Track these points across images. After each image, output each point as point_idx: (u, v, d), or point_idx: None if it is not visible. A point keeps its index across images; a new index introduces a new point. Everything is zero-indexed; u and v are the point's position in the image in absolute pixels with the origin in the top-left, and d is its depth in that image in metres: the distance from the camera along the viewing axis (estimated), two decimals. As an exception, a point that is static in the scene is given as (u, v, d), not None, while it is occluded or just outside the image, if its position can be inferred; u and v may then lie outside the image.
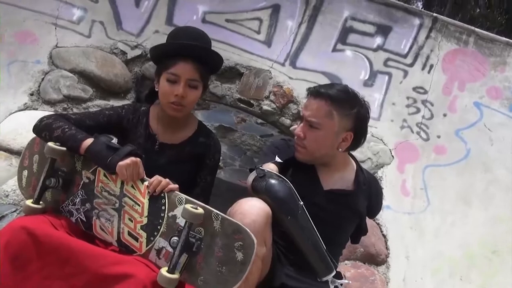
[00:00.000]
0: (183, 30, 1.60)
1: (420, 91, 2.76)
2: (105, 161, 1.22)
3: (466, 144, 2.62)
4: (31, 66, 2.56)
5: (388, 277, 2.27)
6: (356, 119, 1.47)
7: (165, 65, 1.43)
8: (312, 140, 1.46)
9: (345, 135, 1.47)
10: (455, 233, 2.43)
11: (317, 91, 1.47)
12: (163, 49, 1.48)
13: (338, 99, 1.44)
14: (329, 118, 1.44)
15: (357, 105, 1.47)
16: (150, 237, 1.18)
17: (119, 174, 1.21)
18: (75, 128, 1.30)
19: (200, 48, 1.46)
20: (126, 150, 1.23)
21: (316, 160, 1.52)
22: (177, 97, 1.40)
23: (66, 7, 2.69)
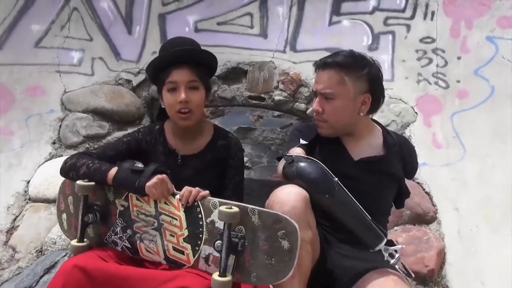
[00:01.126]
0: (168, 42, 1.61)
1: (427, 41, 2.68)
2: (133, 186, 1.24)
3: (488, 82, 2.52)
4: (47, 117, 2.65)
5: (441, 233, 2.21)
6: (369, 80, 1.44)
7: (161, 79, 1.45)
8: (331, 111, 1.44)
9: (362, 98, 1.45)
10: (498, 174, 2.34)
11: (324, 62, 1.45)
12: (155, 64, 1.49)
13: (346, 64, 1.42)
14: (342, 85, 1.42)
15: (367, 66, 1.45)
16: (195, 247, 1.19)
17: (150, 194, 1.23)
18: (98, 162, 1.33)
19: (188, 51, 1.47)
20: (151, 169, 1.25)
21: (339, 131, 1.50)
22: (182, 103, 1.40)
23: (65, 53, 2.77)
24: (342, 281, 1.43)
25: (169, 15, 2.88)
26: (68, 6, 2.78)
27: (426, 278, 2.01)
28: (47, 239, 2.23)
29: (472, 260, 2.11)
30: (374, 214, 1.42)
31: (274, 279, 1.10)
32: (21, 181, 2.48)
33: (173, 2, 2.88)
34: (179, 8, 2.88)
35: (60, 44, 2.76)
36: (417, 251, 2.05)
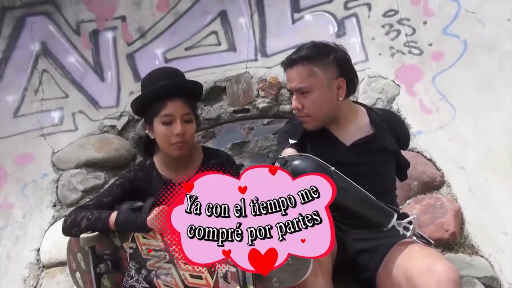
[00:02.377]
0: (155, 72, 1.60)
1: (390, 14, 2.71)
2: (136, 224, 1.24)
3: (459, 38, 2.54)
4: (41, 182, 2.64)
5: (453, 195, 2.19)
6: (337, 64, 1.46)
7: (153, 111, 1.44)
8: (310, 105, 1.45)
9: (336, 83, 1.46)
10: (494, 123, 2.34)
11: (290, 60, 1.47)
12: (147, 96, 1.47)
13: (311, 55, 1.44)
14: (313, 76, 1.43)
15: (332, 51, 1.46)
16: (211, 269, 1.18)
17: (153, 227, 1.23)
18: (97, 211, 1.33)
19: (183, 84, 1.49)
20: (149, 204, 1.25)
21: (324, 121, 1.50)
22: (179, 136, 1.41)
23: (45, 115, 2.79)
24: (368, 265, 1.42)
25: (136, 53, 2.90)
26: (37, 70, 2.81)
27: (449, 243, 1.99)
28: (70, 301, 2.20)
29: (490, 214, 2.09)
30: (379, 192, 1.41)
31: (296, 279, 1.09)
32: (31, 251, 2.46)
33: (137, 40, 2.91)
34: (144, 44, 2.91)
35: (38, 108, 2.78)
36: (434, 218, 2.03)
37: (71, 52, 2.84)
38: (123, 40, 2.90)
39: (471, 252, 1.97)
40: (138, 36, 2.91)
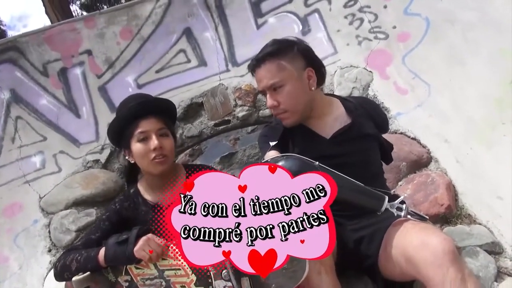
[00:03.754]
0: (124, 101, 1.60)
1: (350, 4, 2.74)
2: (124, 257, 1.22)
3: (420, 15, 2.58)
4: (33, 229, 2.59)
5: (443, 168, 2.21)
6: (302, 55, 1.47)
7: (128, 133, 1.43)
8: (285, 99, 1.45)
9: (306, 73, 1.46)
10: (470, 92, 2.36)
11: (257, 60, 1.48)
12: (118, 121, 1.46)
13: (276, 50, 1.45)
14: (283, 70, 1.44)
15: (294, 44, 1.48)
16: (209, 287, 1.16)
17: (142, 258, 1.21)
18: (85, 251, 1.31)
19: (152, 101, 1.49)
20: (134, 234, 1.24)
21: (302, 115, 1.50)
22: (156, 150, 1.39)
23: (26, 162, 2.75)
24: (368, 252, 1.42)
25: (107, 84, 2.89)
26: (10, 117, 2.77)
27: (446, 216, 1.99)
28: None
29: (481, 181, 2.10)
30: (367, 179, 1.41)
31: (294, 282, 1.07)
32: (32, 302, 2.41)
33: (106, 71, 2.90)
34: (114, 74, 2.90)
35: (18, 156, 2.74)
36: (427, 195, 2.04)
37: (42, 95, 2.81)
38: (92, 73, 2.88)
39: (469, 222, 1.98)
40: (107, 67, 2.89)
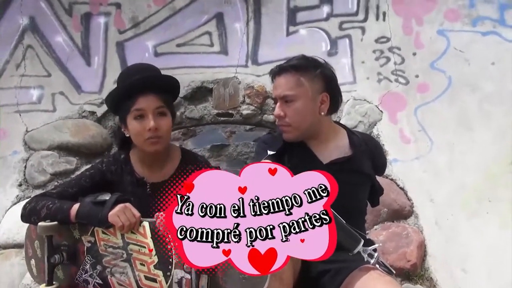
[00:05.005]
0: (128, 69, 1.58)
1: (383, 41, 2.75)
2: (97, 218, 1.21)
3: (445, 73, 2.60)
4: (10, 159, 2.57)
5: (420, 226, 2.23)
6: (324, 79, 1.47)
7: (125, 107, 1.40)
8: (293, 114, 1.46)
9: (321, 97, 1.47)
10: (468, 160, 2.40)
11: (279, 68, 1.48)
12: (118, 92, 1.44)
13: (300, 66, 1.45)
14: (300, 86, 1.44)
15: (320, 66, 1.48)
16: (167, 273, 1.16)
17: (114, 223, 1.20)
18: (59, 201, 1.29)
19: (153, 78, 1.45)
20: (112, 199, 1.22)
21: (304, 133, 1.50)
22: (151, 131, 1.37)
23: (23, 92, 2.71)
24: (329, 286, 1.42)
25: (127, 42, 2.86)
26: (21, 44, 2.73)
27: (410, 273, 2.02)
28: (21, 286, 2.14)
29: (452, 249, 2.13)
30: (349, 214, 1.41)
31: (251, 294, 1.07)
32: (-12, 229, 2.39)
33: (130, 29, 2.87)
34: (136, 35, 2.87)
35: (17, 84, 2.70)
36: (398, 247, 2.06)
37: (59, 32, 2.78)
38: (115, 27, 2.85)
39: (429, 286, 2.00)
40: (131, 26, 2.87)
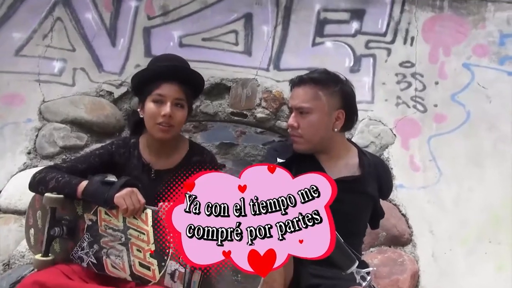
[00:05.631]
0: (161, 56, 1.63)
1: (407, 65, 2.74)
2: (103, 197, 1.22)
3: (464, 107, 2.59)
4: (23, 126, 2.60)
5: (416, 256, 2.22)
6: (342, 96, 1.48)
7: (148, 89, 1.43)
8: (306, 126, 1.46)
9: (336, 113, 1.47)
10: (474, 197, 2.38)
11: (300, 79, 1.49)
12: (146, 74, 1.48)
13: (320, 79, 1.46)
14: (317, 99, 1.45)
15: (340, 82, 1.49)
16: (161, 263, 1.17)
17: (119, 205, 1.21)
18: (68, 175, 1.31)
19: (182, 69, 1.48)
20: (121, 181, 1.24)
21: (315, 147, 1.51)
22: (165, 117, 1.40)
23: (46, 62, 2.74)
24: (316, 302, 1.42)
25: (154, 29, 2.88)
26: (51, 15, 2.76)
27: (399, 301, 2.00)
28: (16, 252, 2.16)
29: (446, 284, 2.12)
30: (348, 234, 1.41)
31: (240, 298, 1.08)
32: (-8, 191, 2.42)
33: (158, 16, 2.90)
34: (164, 23, 2.89)
35: (41, 53, 2.73)
36: (391, 273, 2.05)
37: (90, 9, 2.80)
38: (145, 12, 2.87)
39: (417, 317, 1.99)
40: (160, 13, 2.89)
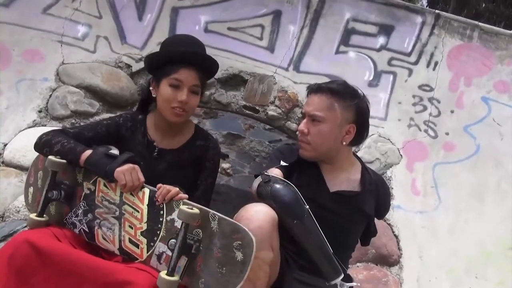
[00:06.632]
0: (179, 37, 1.64)
1: (426, 89, 2.73)
2: (104, 169, 1.24)
3: (475, 140, 2.57)
4: (39, 84, 2.62)
5: (401, 278, 2.22)
6: (357, 111, 1.48)
7: (165, 71, 1.44)
8: (316, 134, 1.47)
9: (348, 127, 1.48)
10: (469, 230, 2.38)
11: (318, 86, 1.49)
12: (165, 56, 1.49)
13: (338, 91, 1.47)
14: (331, 110, 1.45)
15: (357, 98, 1.49)
16: (150, 243, 1.19)
17: (118, 179, 1.23)
18: (74, 142, 1.33)
19: (201, 56, 1.50)
20: (124, 157, 1.25)
21: (321, 156, 1.51)
22: (181, 103, 1.42)
23: (71, 25, 2.75)
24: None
25: (182, 10, 2.88)
26: (83, -20, 2.78)
27: (377, 320, 2.01)
28: (12, 206, 2.20)
29: (425, 311, 2.12)
30: (338, 246, 1.43)
31: (222, 289, 1.09)
32: (-1, 143, 2.45)
33: (188, -1, 2.90)
34: (193, 6, 2.89)
35: (68, 15, 2.74)
36: (374, 291, 2.06)
37: (122, -19, 2.82)
38: (176, -7, 2.88)
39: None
40: (191, -4, 2.89)
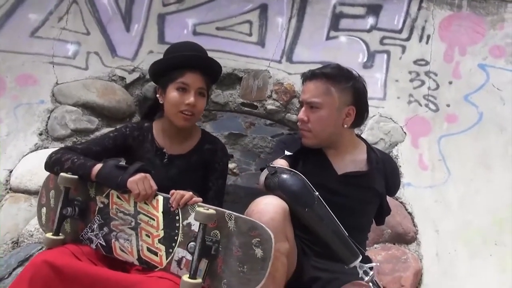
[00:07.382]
0: (180, 44, 1.65)
1: (421, 63, 2.71)
2: (116, 181, 1.24)
3: (477, 108, 2.56)
4: (36, 107, 2.62)
5: (420, 254, 2.22)
6: (354, 92, 1.48)
7: (171, 77, 1.47)
8: (316, 120, 1.47)
9: (347, 109, 1.48)
10: (481, 199, 2.37)
11: (312, 73, 1.49)
12: (169, 62, 1.51)
13: (333, 75, 1.46)
14: (328, 95, 1.45)
15: (352, 79, 1.49)
16: (169, 249, 1.19)
17: (131, 190, 1.23)
18: (83, 157, 1.34)
19: (205, 59, 1.52)
20: (135, 167, 1.26)
21: (323, 142, 1.51)
22: (189, 106, 1.44)
23: (60, 44, 2.75)
24: (317, 294, 1.44)
25: (168, 15, 2.88)
26: (68, -1, 2.78)
27: (401, 298, 2.01)
28: (25, 231, 2.20)
29: (448, 283, 2.12)
30: (353, 229, 1.43)
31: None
32: (3, 170, 2.44)
33: (173, 3, 2.89)
34: (179, 10, 2.89)
35: (56, 36, 2.74)
36: (394, 270, 2.05)
37: (106, -6, 2.81)
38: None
39: (418, 315, 2.00)
40: (176, 1, 2.88)
